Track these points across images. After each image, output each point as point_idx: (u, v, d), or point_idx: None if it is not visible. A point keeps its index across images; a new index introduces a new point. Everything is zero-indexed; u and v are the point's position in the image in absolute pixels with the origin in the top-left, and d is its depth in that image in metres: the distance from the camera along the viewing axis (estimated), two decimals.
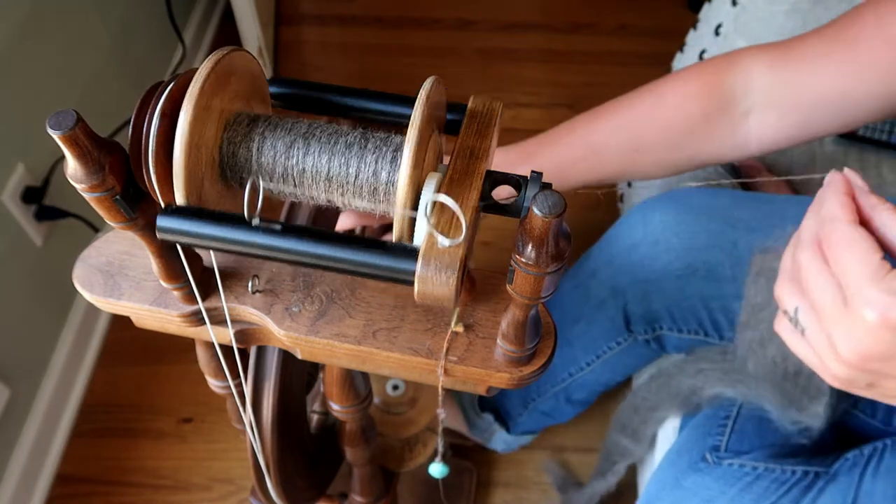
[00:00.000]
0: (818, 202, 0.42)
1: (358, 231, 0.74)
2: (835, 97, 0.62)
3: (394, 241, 0.38)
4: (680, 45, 1.18)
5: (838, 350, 0.41)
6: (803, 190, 0.97)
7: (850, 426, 0.73)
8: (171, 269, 0.46)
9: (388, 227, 0.71)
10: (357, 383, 0.62)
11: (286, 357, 0.62)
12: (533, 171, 0.38)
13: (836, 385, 0.43)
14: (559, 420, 1.03)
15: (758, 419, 0.70)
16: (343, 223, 0.69)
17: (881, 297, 0.38)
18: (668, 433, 0.83)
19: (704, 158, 0.69)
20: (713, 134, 0.67)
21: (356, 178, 0.39)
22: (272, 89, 0.45)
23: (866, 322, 0.39)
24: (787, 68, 0.63)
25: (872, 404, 0.71)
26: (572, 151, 0.71)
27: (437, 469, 0.63)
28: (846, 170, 0.42)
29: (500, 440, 1.09)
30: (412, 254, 0.36)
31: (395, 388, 0.91)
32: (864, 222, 0.40)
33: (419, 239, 0.36)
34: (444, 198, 0.35)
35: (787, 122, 0.65)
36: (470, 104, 0.43)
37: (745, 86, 0.65)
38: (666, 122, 0.68)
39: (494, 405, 1.08)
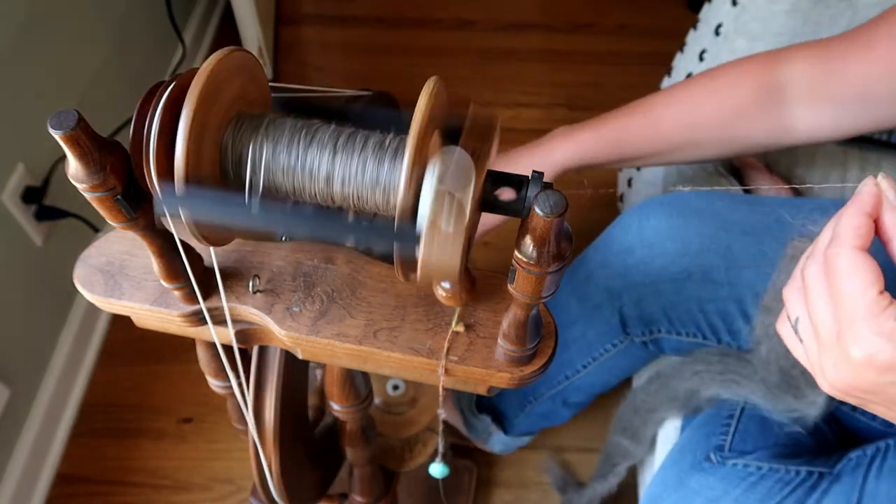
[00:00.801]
0: (840, 215, 0.41)
1: None
2: (860, 95, 0.67)
3: (395, 244, 0.38)
4: (680, 45, 1.18)
5: (825, 374, 0.41)
6: (804, 191, 0.97)
7: (851, 427, 0.73)
8: (172, 268, 0.46)
9: None
10: (357, 383, 0.62)
11: (288, 357, 0.62)
12: (534, 171, 0.38)
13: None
14: (556, 422, 1.03)
15: (761, 419, 0.70)
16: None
17: (869, 338, 0.37)
18: (668, 434, 0.83)
19: (755, 142, 0.75)
20: (761, 119, 0.72)
21: (357, 177, 0.39)
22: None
23: (852, 359, 0.39)
24: (822, 65, 0.68)
25: None
26: (633, 121, 0.78)
27: (437, 469, 0.63)
28: (881, 178, 0.40)
29: (498, 441, 1.09)
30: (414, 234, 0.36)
31: (396, 388, 0.91)
32: (885, 241, 0.39)
33: (422, 218, 0.36)
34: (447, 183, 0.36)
35: (823, 114, 0.70)
36: (471, 110, 0.42)
37: (789, 78, 0.70)
38: (719, 101, 0.74)
39: (491, 407, 1.08)
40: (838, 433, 0.73)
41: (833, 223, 0.41)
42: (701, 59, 1.07)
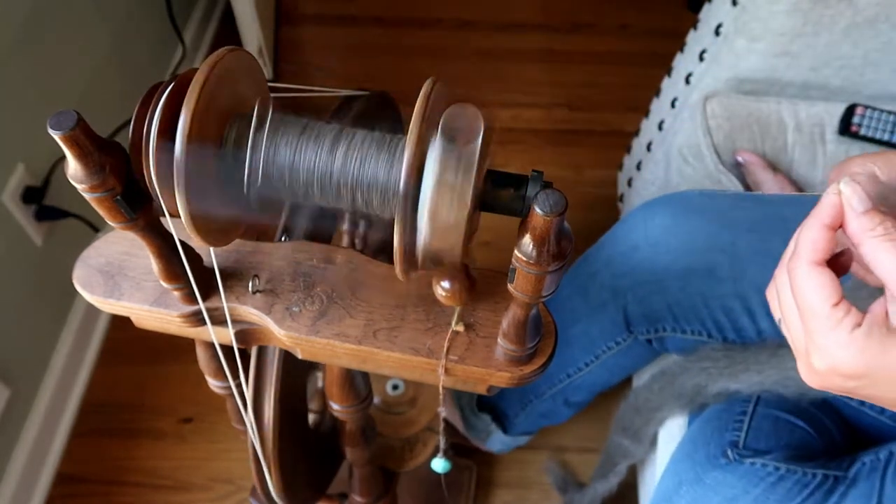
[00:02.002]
0: (802, 226, 0.42)
1: (357, 239, 0.74)
2: None
3: (395, 243, 0.38)
4: (680, 46, 1.18)
5: (802, 375, 0.43)
6: (807, 187, 0.97)
7: (858, 424, 0.73)
8: (172, 269, 0.46)
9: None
10: (357, 383, 0.62)
11: (287, 357, 0.62)
12: (533, 171, 0.38)
13: None
14: (556, 421, 1.03)
15: (774, 419, 0.70)
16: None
17: (829, 350, 0.39)
18: (671, 433, 0.83)
19: None
20: None
21: (357, 179, 0.39)
22: None
23: (816, 369, 0.40)
24: None
25: None
26: None
27: (439, 464, 0.63)
28: (843, 184, 0.40)
29: (497, 441, 1.09)
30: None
31: (395, 387, 0.91)
32: (855, 245, 0.40)
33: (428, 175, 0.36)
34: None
35: None
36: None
37: None
38: None
39: (492, 406, 1.08)
40: (845, 433, 0.73)
41: (799, 231, 0.42)
42: (701, 59, 1.07)
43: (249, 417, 0.62)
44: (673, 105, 1.14)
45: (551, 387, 0.96)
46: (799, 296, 0.40)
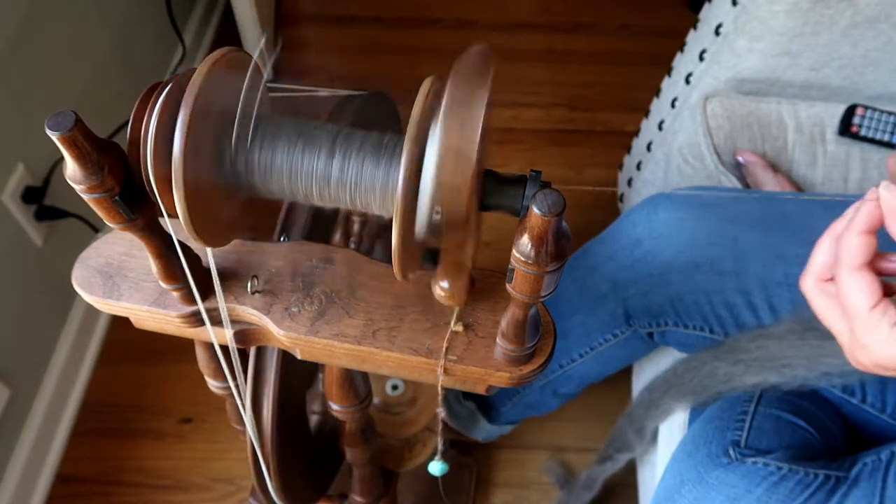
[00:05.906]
0: (835, 231, 0.46)
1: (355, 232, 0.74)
2: None
3: (393, 243, 0.38)
4: (680, 45, 1.18)
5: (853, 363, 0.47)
6: (807, 187, 0.97)
7: (859, 423, 0.73)
8: (170, 269, 0.46)
9: None
10: (357, 383, 0.62)
11: (286, 357, 0.62)
12: (532, 170, 0.38)
13: None
14: (542, 412, 1.03)
15: (775, 418, 0.70)
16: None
17: (870, 348, 0.43)
18: (672, 432, 0.83)
19: None
20: None
21: (355, 179, 0.39)
22: None
23: (861, 363, 0.45)
24: None
25: (882, 398, 0.71)
26: None
27: (436, 467, 0.63)
28: (883, 188, 0.43)
29: (482, 430, 1.08)
30: None
31: (395, 387, 0.91)
32: None
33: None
34: None
35: None
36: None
37: None
38: None
39: (477, 395, 1.07)
40: (846, 433, 0.73)
41: (827, 240, 0.46)
42: (701, 58, 1.07)
43: (248, 418, 0.62)
44: (673, 105, 1.14)
45: (542, 377, 0.95)
46: (843, 298, 0.44)
